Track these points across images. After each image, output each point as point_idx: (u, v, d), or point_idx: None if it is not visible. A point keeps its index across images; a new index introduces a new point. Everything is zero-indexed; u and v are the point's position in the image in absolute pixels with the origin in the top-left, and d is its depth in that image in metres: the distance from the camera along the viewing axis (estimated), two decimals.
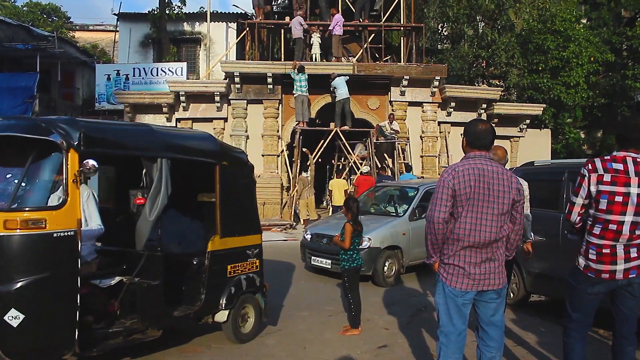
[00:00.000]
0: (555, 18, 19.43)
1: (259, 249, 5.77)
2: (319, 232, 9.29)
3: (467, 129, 3.66)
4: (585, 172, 3.62)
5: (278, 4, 22.58)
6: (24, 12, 30.66)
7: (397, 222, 9.07)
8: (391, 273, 8.64)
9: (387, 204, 10.40)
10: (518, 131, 18.05)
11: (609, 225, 3.54)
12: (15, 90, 19.81)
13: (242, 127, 16.56)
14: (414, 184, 10.38)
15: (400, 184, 11.44)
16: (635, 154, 3.56)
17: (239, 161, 5.74)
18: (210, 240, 5.20)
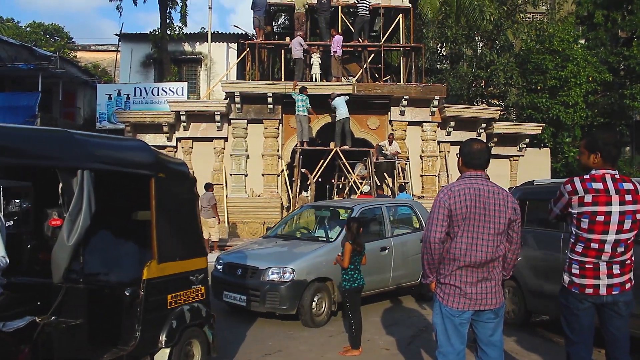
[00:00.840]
0: (553, 38, 19.62)
1: (204, 274, 5.01)
2: (232, 261, 7.73)
3: (463, 149, 3.66)
4: (564, 193, 3.61)
5: (278, 25, 22.83)
6: (27, 33, 30.97)
7: (328, 249, 7.53)
8: (321, 310, 7.22)
9: (316, 227, 9.21)
10: (517, 150, 18.09)
11: (590, 244, 3.53)
12: (16, 109, 19.93)
13: (243, 146, 16.61)
14: (347, 204, 9.08)
15: (331, 204, 10.24)
16: (613, 170, 3.56)
17: (178, 173, 4.94)
18: (146, 267, 4.30)
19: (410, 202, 10.27)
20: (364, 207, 8.46)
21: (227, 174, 16.68)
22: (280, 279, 7.05)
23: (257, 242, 8.92)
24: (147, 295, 4.29)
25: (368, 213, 8.61)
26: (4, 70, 20.57)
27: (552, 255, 6.28)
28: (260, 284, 7.08)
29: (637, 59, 20.18)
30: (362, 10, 17.12)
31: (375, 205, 8.84)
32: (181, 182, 4.95)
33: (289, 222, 9.58)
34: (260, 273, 7.16)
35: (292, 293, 7.01)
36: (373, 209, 8.73)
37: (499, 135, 17.53)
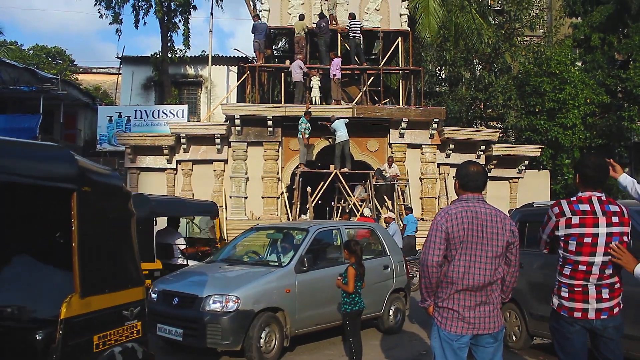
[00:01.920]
0: (550, 61, 19.81)
1: (140, 307, 4.15)
2: (168, 288, 6.73)
3: (459, 171, 3.66)
4: (552, 216, 3.62)
5: (278, 48, 23.05)
6: (30, 55, 31.28)
7: (279, 275, 6.74)
8: (271, 346, 6.34)
9: (268, 250, 8.26)
10: (517, 172, 18.14)
11: (578, 266, 3.53)
12: (17, 131, 20.00)
13: (242, 169, 16.64)
14: (302, 225, 8.18)
15: (284, 225, 9.34)
16: (599, 193, 3.57)
17: (109, 187, 4.09)
18: (65, 303, 3.40)
19: (372, 225, 9.39)
20: (320, 229, 7.64)
21: (227, 196, 16.68)
22: (223, 308, 6.08)
23: (200, 267, 7.91)
24: (66, 338, 3.37)
25: (325, 236, 7.95)
26: (6, 92, 20.75)
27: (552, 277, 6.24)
28: (199, 314, 6.09)
29: (634, 81, 20.38)
30: (354, 32, 17.30)
31: (333, 228, 8.19)
32: (112, 198, 4.12)
33: (238, 245, 8.45)
34: (200, 302, 6.16)
35: (236, 325, 6.05)
36: (330, 231, 8.10)
37: (498, 157, 17.59)
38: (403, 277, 8.38)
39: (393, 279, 8.12)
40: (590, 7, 23.60)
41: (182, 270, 7.98)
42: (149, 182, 16.98)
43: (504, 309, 6.06)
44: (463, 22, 19.86)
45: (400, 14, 18.24)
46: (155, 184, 16.86)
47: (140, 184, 17.05)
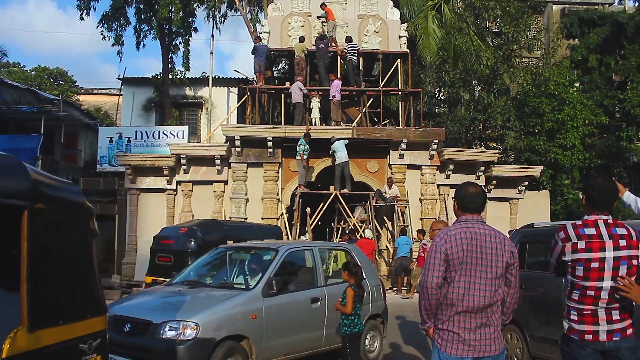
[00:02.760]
0: (549, 82, 19.97)
1: (101, 339, 3.61)
2: (120, 313, 6.01)
3: (458, 192, 3.66)
4: (558, 241, 3.59)
5: (278, 70, 23.25)
6: (32, 77, 31.53)
7: (244, 299, 6.15)
8: None
9: (235, 272, 7.53)
10: (517, 193, 18.14)
11: (586, 291, 3.48)
12: (18, 151, 20.03)
13: (242, 190, 16.66)
14: (271, 245, 7.62)
15: (253, 245, 8.69)
16: (606, 216, 3.53)
17: (68, 203, 3.54)
18: (8, 339, 2.81)
19: (347, 246, 8.90)
20: (291, 249, 7.17)
21: (227, 217, 16.67)
22: (180, 336, 5.47)
23: (157, 289, 7.27)
24: None
25: (296, 257, 7.53)
26: (8, 113, 20.86)
27: (554, 298, 6.22)
28: (153, 343, 5.51)
29: (631, 101, 20.53)
30: (351, 55, 17.45)
31: (305, 248, 7.76)
32: (72, 215, 3.58)
33: (202, 266, 7.78)
34: (154, 329, 5.57)
35: (194, 356, 5.44)
36: (302, 251, 7.66)
37: (497, 178, 17.61)
38: (380, 303, 7.90)
39: (369, 304, 7.51)
40: (587, 29, 23.89)
41: (138, 293, 7.40)
42: (148, 203, 17.01)
43: (505, 331, 6.01)
44: (462, 44, 20.03)
45: (400, 36, 18.43)
46: (155, 205, 16.90)
47: (140, 205, 17.07)
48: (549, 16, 27.77)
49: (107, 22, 21.74)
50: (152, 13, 21.54)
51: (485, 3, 20.90)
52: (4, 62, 28.99)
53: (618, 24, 23.35)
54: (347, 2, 18.62)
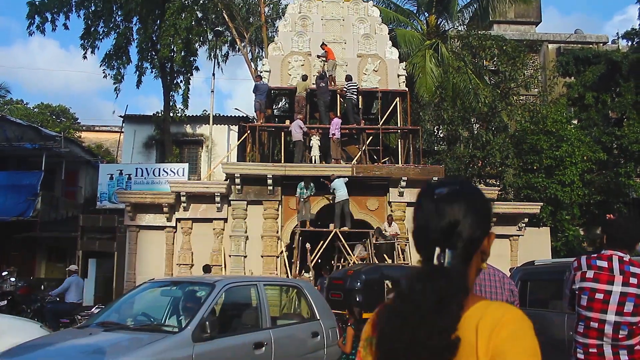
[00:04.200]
0: (546, 119, 20.15)
1: None
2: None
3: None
4: (572, 270, 3.62)
5: (278, 108, 23.47)
6: (35, 114, 31.90)
7: (169, 344, 5.09)
8: None
9: (165, 311, 6.51)
10: (517, 230, 18.08)
11: (590, 322, 3.45)
12: (19, 187, 20.20)
13: (242, 227, 16.62)
14: (207, 279, 6.62)
15: (186, 279, 7.77)
16: (623, 253, 3.53)
17: None
18: None
19: (299, 282, 7.95)
20: (230, 284, 6.08)
21: (227, 255, 16.59)
22: None
23: (64, 333, 6.36)
24: None
25: (237, 294, 6.53)
26: (10, 149, 21.01)
27: (556, 337, 6.16)
28: None
29: (628, 138, 20.73)
30: (351, 93, 17.64)
31: (248, 283, 6.76)
32: None
33: (125, 304, 6.69)
34: None
35: None
36: (245, 287, 6.64)
37: (497, 215, 17.53)
38: (336, 348, 6.93)
39: (324, 350, 6.66)
40: (583, 67, 24.31)
41: (38, 339, 5.84)
42: (148, 240, 16.95)
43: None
44: (460, 82, 20.31)
45: (398, 75, 18.65)
46: (154, 242, 16.83)
47: (140, 242, 17.00)
48: (545, 55, 28.27)
49: (110, 61, 22.07)
50: (154, 52, 21.89)
51: (482, 42, 21.27)
52: (8, 99, 29.30)
53: (613, 62, 23.77)
54: (346, 42, 18.91)
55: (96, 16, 22.00)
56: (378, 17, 19.50)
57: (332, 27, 19.04)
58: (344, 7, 19.29)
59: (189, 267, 16.45)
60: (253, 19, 27.47)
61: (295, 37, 18.75)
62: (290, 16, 19.24)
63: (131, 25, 22.54)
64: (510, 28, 29.99)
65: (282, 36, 19.03)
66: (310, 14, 19.12)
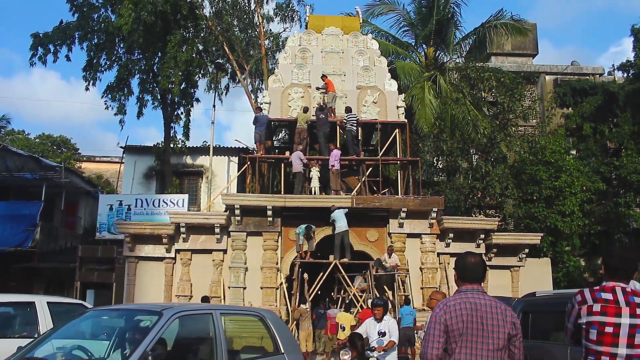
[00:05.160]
0: (545, 150, 20.27)
1: None
2: None
3: (457, 262, 3.65)
4: (575, 304, 3.57)
5: (278, 139, 23.59)
6: (36, 144, 32.06)
7: None
8: None
9: (111, 344, 5.65)
10: (517, 261, 17.99)
11: (601, 357, 3.38)
12: (18, 218, 20.16)
13: (242, 259, 16.55)
14: (153, 307, 5.58)
15: (128, 307, 7.04)
16: (625, 284, 3.51)
17: None
18: None
19: (263, 311, 7.04)
20: (180, 313, 5.32)
21: (226, 286, 16.48)
22: None
23: None
24: None
25: (188, 324, 5.70)
26: (10, 180, 21.04)
27: None
28: None
29: (627, 168, 20.82)
30: (350, 124, 17.77)
31: (202, 312, 5.98)
32: None
33: (59, 336, 5.71)
34: None
35: None
36: (198, 317, 5.86)
37: (498, 246, 17.52)
38: None
39: None
40: (580, 98, 24.60)
41: None
42: (147, 271, 16.85)
43: None
44: (458, 114, 20.48)
45: (397, 106, 18.80)
46: (153, 273, 16.74)
47: (138, 273, 16.90)
48: (542, 86, 28.59)
49: (111, 92, 22.29)
50: (155, 84, 22.12)
51: (480, 74, 21.53)
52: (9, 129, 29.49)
53: (609, 93, 24.05)
54: (346, 74, 19.13)
55: (98, 48, 22.32)
56: (377, 50, 19.77)
57: (332, 60, 19.28)
58: (343, 40, 19.57)
59: (188, 299, 16.32)
60: (253, 52, 27.89)
61: (295, 70, 18.98)
62: (290, 49, 19.50)
63: (133, 57, 22.84)
64: (507, 60, 30.39)
65: (282, 68, 19.26)
66: (310, 47, 19.39)
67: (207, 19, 25.69)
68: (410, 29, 25.33)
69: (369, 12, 24.77)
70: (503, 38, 25.24)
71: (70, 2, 21.80)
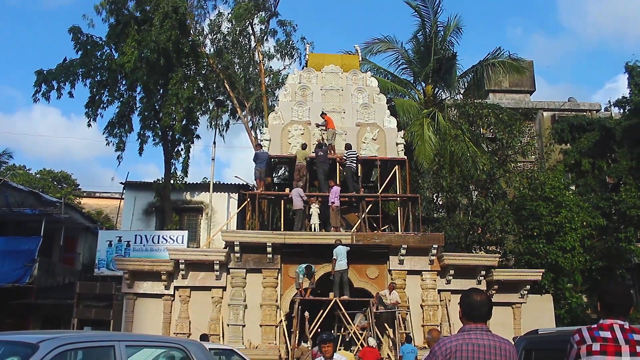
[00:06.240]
0: (544, 186, 20.29)
1: None
2: None
3: (463, 299, 3.57)
4: (573, 344, 3.52)
5: (278, 176, 23.68)
6: (37, 179, 32.14)
7: None
8: None
9: None
10: (519, 297, 17.82)
11: None
12: (17, 253, 20.09)
13: (241, 296, 16.42)
14: (29, 338, 4.15)
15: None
16: (622, 321, 3.47)
17: None
18: None
19: (185, 343, 5.49)
20: (65, 345, 4.07)
21: (225, 324, 16.30)
22: None
23: None
24: None
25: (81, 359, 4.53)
26: (10, 215, 21.03)
27: None
28: None
29: (626, 203, 20.81)
30: (350, 162, 17.85)
31: (98, 344, 4.64)
32: None
33: None
34: None
35: None
36: (91, 351, 4.62)
37: (499, 283, 17.39)
38: None
39: None
40: (578, 134, 24.76)
41: None
42: (145, 309, 16.69)
43: None
44: (457, 150, 20.60)
45: (397, 143, 18.94)
46: (151, 311, 16.58)
47: (136, 310, 16.74)
48: (540, 122, 28.85)
49: (112, 129, 22.47)
50: (156, 120, 22.32)
51: (479, 111, 21.75)
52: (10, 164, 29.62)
53: (606, 129, 24.24)
54: (345, 111, 19.32)
55: (101, 85, 22.59)
56: (376, 87, 20.01)
57: (332, 97, 19.50)
58: (343, 78, 19.83)
59: (187, 337, 16.10)
60: (254, 89, 28.20)
61: (295, 107, 19.18)
62: (290, 86, 19.74)
63: (135, 94, 23.11)
64: (505, 97, 30.75)
65: (282, 105, 19.46)
66: (310, 84, 19.63)
67: (208, 57, 26.11)
68: (408, 67, 25.71)
69: (367, 49, 25.19)
70: (501, 75, 25.61)
71: (75, 40, 22.18)
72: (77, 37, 22.17)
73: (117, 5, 22.19)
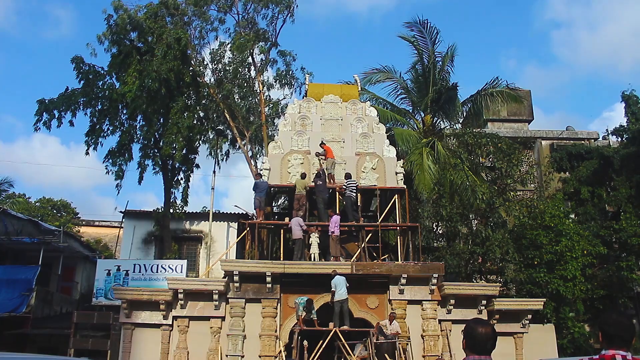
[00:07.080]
0: (544, 214, 20.27)
1: None
2: None
3: (467, 330, 3.50)
4: None
5: (278, 205, 23.67)
6: (36, 208, 32.14)
7: None
8: None
9: None
10: (521, 327, 17.65)
11: None
12: (14, 282, 19.99)
13: (240, 326, 16.26)
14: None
15: None
16: (624, 352, 3.44)
17: None
18: None
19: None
20: None
21: (223, 355, 16.11)
22: None
23: None
24: None
25: None
26: (8, 243, 20.98)
27: None
28: None
29: (627, 231, 20.78)
30: (350, 191, 17.87)
31: None
32: None
33: None
34: None
35: None
36: None
37: (500, 312, 17.25)
38: None
39: None
40: (576, 162, 24.88)
41: None
42: (143, 339, 16.51)
43: None
44: (457, 179, 20.63)
45: (396, 172, 18.99)
46: (149, 341, 16.41)
47: (134, 340, 16.57)
48: (539, 151, 28.97)
49: (112, 158, 22.55)
50: (156, 149, 22.43)
51: (478, 140, 21.85)
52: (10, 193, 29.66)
53: (605, 157, 24.36)
54: (345, 141, 19.42)
55: (102, 114, 22.76)
56: (375, 117, 20.16)
57: (331, 127, 19.63)
58: (342, 108, 19.99)
59: None
60: (253, 118, 28.39)
61: (295, 136, 19.29)
62: (290, 116, 19.88)
63: (135, 123, 23.27)
64: (503, 126, 30.94)
65: (282, 135, 19.57)
66: (309, 114, 19.78)
67: (208, 87, 26.36)
68: (407, 96, 25.95)
69: (366, 79, 25.45)
70: (499, 105, 25.82)
71: (78, 69, 22.43)
72: (80, 67, 22.45)
73: (119, 35, 22.51)
